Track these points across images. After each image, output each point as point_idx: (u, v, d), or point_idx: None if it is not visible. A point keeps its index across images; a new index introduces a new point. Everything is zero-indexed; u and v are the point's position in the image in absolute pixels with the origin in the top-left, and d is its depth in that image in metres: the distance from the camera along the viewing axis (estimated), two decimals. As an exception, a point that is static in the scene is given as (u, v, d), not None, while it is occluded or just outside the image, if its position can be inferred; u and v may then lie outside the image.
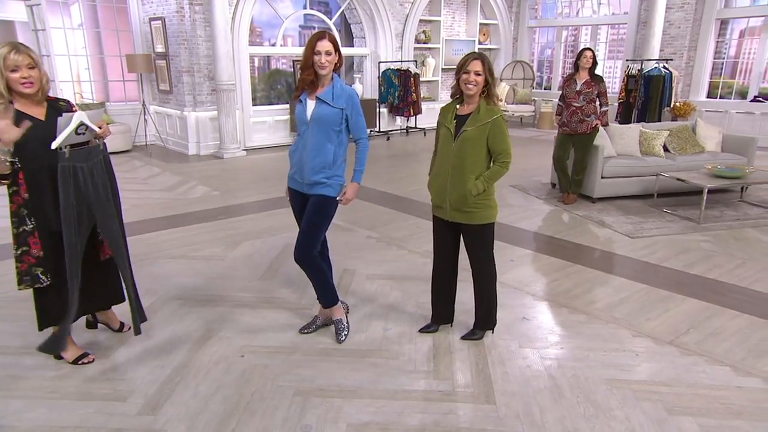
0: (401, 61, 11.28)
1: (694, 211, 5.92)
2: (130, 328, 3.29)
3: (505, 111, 9.90)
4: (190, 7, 8.83)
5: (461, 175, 2.97)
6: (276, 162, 8.84)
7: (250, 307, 3.78)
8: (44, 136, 2.62)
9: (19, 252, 2.76)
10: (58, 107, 2.79)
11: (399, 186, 7.15)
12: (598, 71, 6.32)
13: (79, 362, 3.05)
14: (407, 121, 11.78)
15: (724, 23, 11.10)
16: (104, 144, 2.89)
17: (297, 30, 12.04)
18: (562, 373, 3.00)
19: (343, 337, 3.32)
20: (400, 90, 11.00)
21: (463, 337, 3.33)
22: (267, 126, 10.16)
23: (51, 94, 2.83)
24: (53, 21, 8.94)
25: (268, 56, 11.90)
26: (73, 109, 2.84)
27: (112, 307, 3.38)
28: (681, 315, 3.68)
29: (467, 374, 2.99)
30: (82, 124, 2.65)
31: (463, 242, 3.22)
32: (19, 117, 2.61)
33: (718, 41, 11.14)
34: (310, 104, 3.03)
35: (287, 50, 11.04)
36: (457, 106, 3.05)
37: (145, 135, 9.98)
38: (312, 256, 3.17)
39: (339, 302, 3.39)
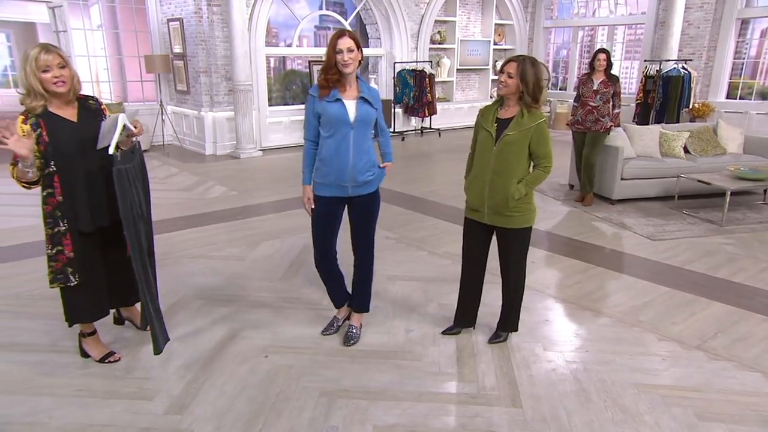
0: (416, 62, 11.26)
1: (716, 214, 5.85)
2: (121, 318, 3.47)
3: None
4: (208, 8, 8.88)
5: (502, 179, 2.94)
6: (292, 162, 8.86)
7: (272, 308, 3.78)
8: (78, 138, 2.66)
9: (53, 252, 2.78)
10: (88, 106, 2.82)
11: (415, 186, 7.13)
12: (613, 71, 6.29)
13: (106, 361, 3.07)
14: (422, 121, 11.76)
15: (744, 23, 10.95)
16: (138, 143, 2.95)
17: (312, 31, 12.08)
18: (588, 377, 2.96)
19: (352, 343, 3.30)
20: (415, 90, 10.99)
21: (490, 341, 3.30)
22: (283, 126, 10.18)
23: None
24: (73, 22, 9.03)
25: (283, 57, 11.93)
26: (102, 106, 2.87)
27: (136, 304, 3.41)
28: (707, 319, 3.63)
29: (492, 377, 2.96)
30: (124, 126, 2.68)
31: (497, 245, 3.18)
32: (52, 120, 2.64)
33: (738, 41, 10.99)
34: (350, 104, 2.95)
35: (303, 51, 11.08)
36: (498, 109, 3.02)
37: (163, 135, 10.06)
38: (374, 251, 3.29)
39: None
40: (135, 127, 2.78)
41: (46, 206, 2.74)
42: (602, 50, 6.20)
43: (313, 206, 3.15)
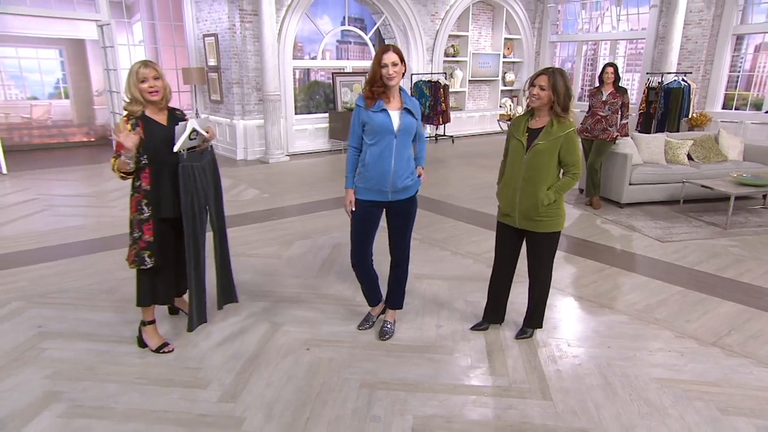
0: (431, 73, 11.21)
1: (719, 217, 5.76)
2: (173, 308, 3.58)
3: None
4: (241, 25, 8.90)
5: (533, 186, 2.91)
6: (316, 167, 8.87)
7: (309, 303, 3.76)
8: (166, 138, 2.85)
9: (136, 235, 2.94)
10: (175, 115, 3.00)
11: (433, 190, 7.09)
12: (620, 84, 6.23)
13: (161, 351, 3.08)
14: (437, 129, 11.71)
15: (739, 38, 10.81)
16: (211, 146, 3.09)
17: (335, 45, 12.03)
18: (612, 372, 2.92)
19: (387, 338, 3.27)
20: (431, 100, 10.94)
21: (517, 336, 3.27)
22: (308, 133, 10.20)
23: (116, 103, 2.91)
24: (118, 38, 9.09)
25: (308, 69, 11.93)
26: (185, 117, 3.01)
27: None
28: (720, 317, 3.56)
29: (521, 371, 2.93)
30: (194, 130, 2.86)
31: (525, 248, 3.15)
32: (148, 122, 2.85)
33: (733, 55, 10.85)
34: (395, 115, 2.93)
35: (326, 63, 11.07)
36: (529, 119, 2.98)
37: (197, 141, 10.08)
38: (409, 253, 3.27)
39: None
40: (207, 132, 2.96)
41: (136, 195, 2.92)
42: (610, 64, 6.14)
43: (353, 209, 3.12)
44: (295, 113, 10.12)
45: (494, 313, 3.36)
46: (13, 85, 11.55)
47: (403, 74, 2.92)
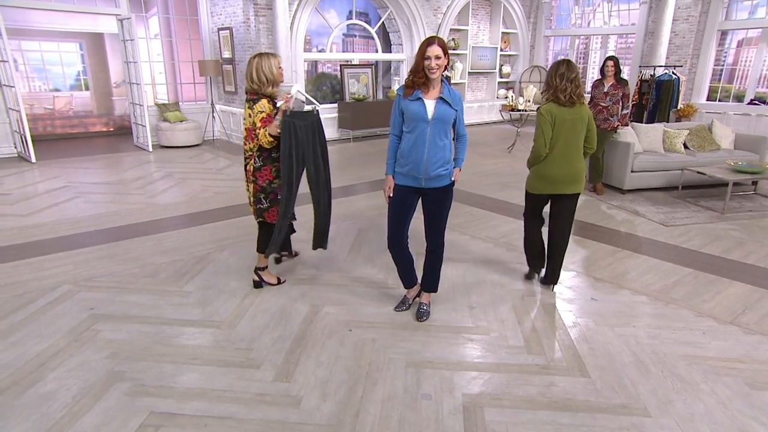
0: (434, 67, 11.03)
1: (715, 203, 5.75)
2: (297, 254, 4.15)
3: (531, 110, 9.68)
4: (255, 18, 8.69)
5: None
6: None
7: (343, 287, 3.70)
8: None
9: (270, 189, 3.37)
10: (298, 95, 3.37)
11: (444, 177, 7.00)
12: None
13: (280, 283, 3.67)
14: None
15: (724, 34, 10.75)
16: (317, 111, 3.33)
17: (341, 38, 11.84)
18: (642, 350, 2.89)
19: (424, 319, 3.22)
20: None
21: (542, 282, 3.72)
22: (318, 123, 10.03)
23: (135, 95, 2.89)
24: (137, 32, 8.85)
25: (315, 61, 11.74)
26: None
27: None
28: (732, 297, 3.55)
29: (557, 350, 2.90)
30: (298, 91, 3.28)
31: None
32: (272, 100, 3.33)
33: (718, 50, 10.79)
34: (429, 104, 2.83)
35: (335, 56, 10.88)
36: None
37: (213, 131, 9.93)
38: (444, 240, 3.20)
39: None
40: (286, 96, 3.24)
41: (276, 164, 3.31)
42: (610, 57, 6.06)
43: (391, 194, 3.06)
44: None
45: (536, 261, 3.75)
46: (37, 77, 11.26)
47: (446, 67, 2.82)
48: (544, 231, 3.68)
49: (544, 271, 3.73)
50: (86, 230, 4.81)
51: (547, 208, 3.59)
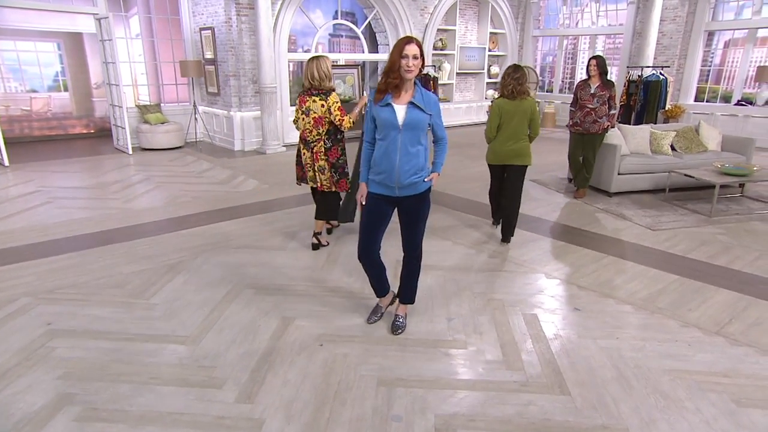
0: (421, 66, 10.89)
1: (702, 205, 5.67)
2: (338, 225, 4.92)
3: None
4: (237, 18, 8.51)
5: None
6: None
7: (318, 297, 3.55)
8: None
9: (347, 171, 4.31)
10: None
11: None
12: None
13: (327, 244, 4.47)
14: (426, 120, 11.43)
15: (711, 35, 10.73)
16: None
17: (327, 38, 11.66)
18: (625, 363, 2.77)
19: (399, 332, 3.07)
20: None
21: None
22: (303, 125, 9.86)
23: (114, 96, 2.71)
24: (116, 32, 8.64)
25: (301, 62, 11.55)
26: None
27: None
28: (718, 305, 3.44)
29: (536, 365, 2.76)
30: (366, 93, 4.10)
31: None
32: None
33: (705, 51, 10.76)
34: (400, 109, 2.67)
35: (320, 57, 10.70)
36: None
37: (195, 133, 9.74)
38: (421, 251, 3.04)
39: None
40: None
41: (341, 144, 4.25)
42: (594, 57, 5.90)
43: (364, 202, 2.91)
44: (291, 104, 9.77)
45: (498, 214, 4.92)
46: (12, 78, 10.96)
47: (420, 71, 2.68)
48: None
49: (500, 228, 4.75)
50: (55, 237, 4.62)
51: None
